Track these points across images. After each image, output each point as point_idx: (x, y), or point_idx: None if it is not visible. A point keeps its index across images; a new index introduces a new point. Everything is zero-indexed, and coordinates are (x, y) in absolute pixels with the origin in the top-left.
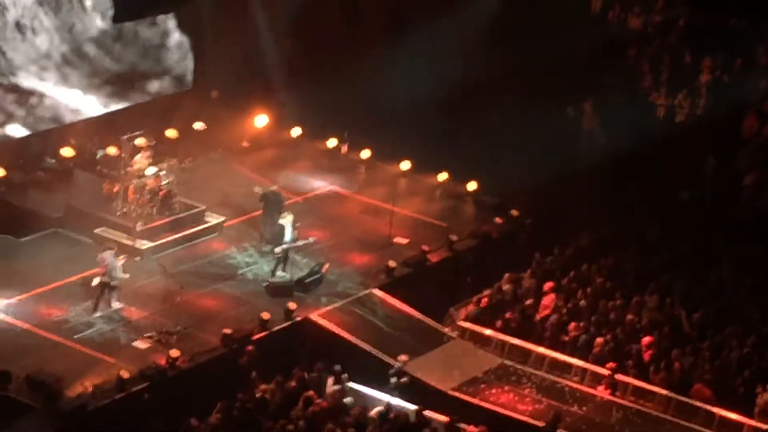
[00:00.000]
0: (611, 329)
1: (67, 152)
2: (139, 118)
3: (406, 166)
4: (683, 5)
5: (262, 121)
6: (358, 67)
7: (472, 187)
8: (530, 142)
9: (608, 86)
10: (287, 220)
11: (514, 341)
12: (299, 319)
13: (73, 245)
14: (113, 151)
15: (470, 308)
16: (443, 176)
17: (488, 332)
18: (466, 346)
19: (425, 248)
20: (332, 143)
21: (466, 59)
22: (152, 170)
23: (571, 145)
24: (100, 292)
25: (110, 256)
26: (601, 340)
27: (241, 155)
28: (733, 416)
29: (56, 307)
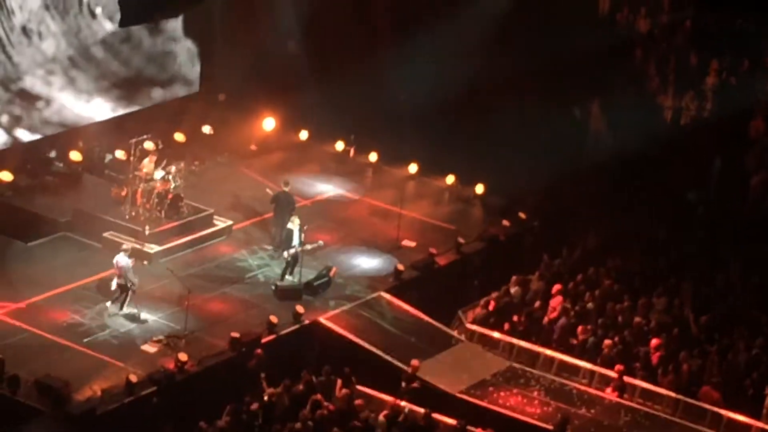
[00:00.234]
0: (619, 332)
1: (75, 156)
2: (146, 121)
3: (413, 169)
4: (690, 7)
5: (269, 124)
6: (365, 70)
7: (479, 189)
8: (537, 143)
9: (615, 87)
10: (294, 223)
11: (522, 344)
12: (307, 322)
13: (81, 249)
14: (121, 154)
15: (478, 311)
16: (450, 179)
17: (496, 335)
18: (474, 348)
19: (433, 251)
20: (340, 146)
21: (473, 61)
22: (160, 174)
23: (578, 146)
24: (120, 293)
25: (124, 258)
26: (609, 342)
27: (248, 158)
28: (741, 418)
29: (64, 311)
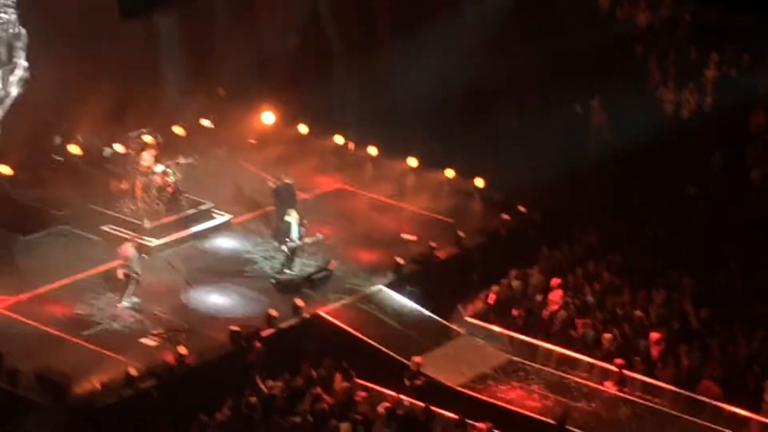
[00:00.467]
0: (619, 325)
1: (74, 149)
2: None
3: (413, 162)
4: (690, 1)
5: (269, 118)
6: (365, 64)
7: (479, 183)
8: (538, 138)
9: (616, 83)
10: (292, 217)
11: (521, 337)
12: (307, 316)
13: (80, 243)
14: (120, 148)
15: (478, 304)
16: (450, 173)
17: (496, 329)
18: (473, 342)
19: (433, 245)
20: (339, 140)
21: (473, 56)
22: (160, 167)
23: (578, 141)
24: (126, 282)
25: (130, 247)
26: (608, 335)
27: (247, 152)
28: (741, 412)
29: (64, 304)
